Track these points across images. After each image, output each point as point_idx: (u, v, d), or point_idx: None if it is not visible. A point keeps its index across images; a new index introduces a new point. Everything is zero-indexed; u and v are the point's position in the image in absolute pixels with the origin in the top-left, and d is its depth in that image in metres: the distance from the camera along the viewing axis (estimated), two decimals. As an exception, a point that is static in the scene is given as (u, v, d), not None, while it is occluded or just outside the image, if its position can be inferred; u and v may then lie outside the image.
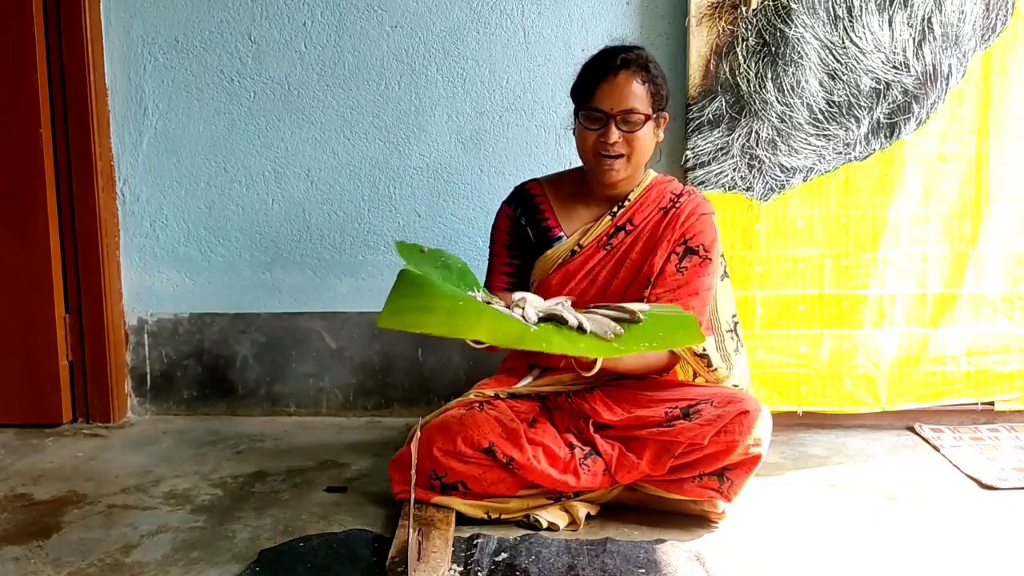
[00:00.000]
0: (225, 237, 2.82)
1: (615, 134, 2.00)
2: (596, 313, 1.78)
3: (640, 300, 2.06)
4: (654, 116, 2.04)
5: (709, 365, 2.10)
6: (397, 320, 1.58)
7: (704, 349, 2.10)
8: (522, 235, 2.19)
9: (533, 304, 1.77)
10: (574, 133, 2.09)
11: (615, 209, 2.12)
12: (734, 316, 2.26)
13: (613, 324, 1.72)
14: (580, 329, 1.69)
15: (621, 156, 2.03)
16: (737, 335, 2.25)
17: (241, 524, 2.01)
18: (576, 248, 2.11)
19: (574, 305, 2.04)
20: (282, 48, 2.74)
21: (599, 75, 2.00)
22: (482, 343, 1.68)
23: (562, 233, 2.14)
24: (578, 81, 2.06)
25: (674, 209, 2.10)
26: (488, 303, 1.75)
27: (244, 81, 2.76)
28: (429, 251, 1.91)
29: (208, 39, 2.74)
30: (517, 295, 1.81)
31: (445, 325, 1.57)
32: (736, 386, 2.21)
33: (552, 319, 1.72)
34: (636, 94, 1.99)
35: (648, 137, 2.04)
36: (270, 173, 2.79)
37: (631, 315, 1.76)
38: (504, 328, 1.61)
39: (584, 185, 2.14)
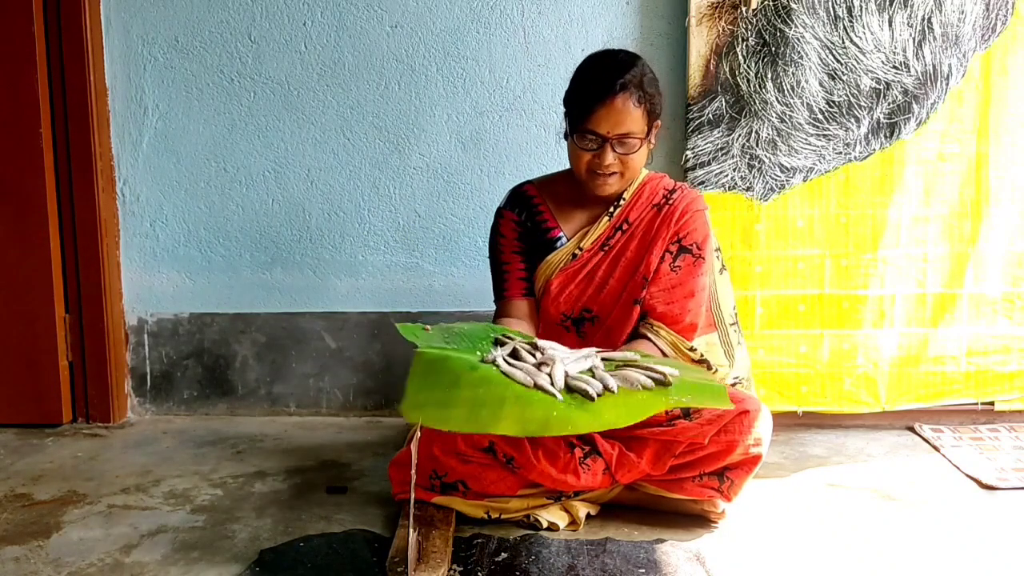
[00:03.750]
0: (225, 237, 2.82)
1: (610, 156, 1.99)
2: (630, 372, 1.75)
3: (638, 300, 2.07)
4: (648, 137, 2.03)
5: (710, 367, 2.11)
6: (420, 414, 1.60)
7: (703, 355, 2.10)
8: (530, 237, 2.18)
9: (561, 358, 1.75)
10: (565, 138, 2.07)
11: (611, 209, 2.12)
12: (734, 308, 2.27)
13: (647, 383, 1.71)
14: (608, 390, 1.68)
15: (615, 173, 2.03)
16: (738, 328, 2.27)
17: (241, 524, 2.01)
18: (577, 251, 2.12)
19: (573, 308, 2.05)
20: (282, 48, 2.74)
21: (595, 98, 1.97)
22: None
23: (562, 234, 2.14)
24: (573, 95, 2.03)
25: (667, 206, 2.11)
26: (507, 355, 1.74)
27: (244, 81, 2.76)
28: (433, 329, 1.87)
29: (208, 39, 2.74)
30: (547, 347, 1.80)
31: (468, 421, 1.58)
32: (737, 379, 2.22)
33: (577, 390, 1.68)
34: (633, 117, 1.97)
35: (642, 155, 2.04)
36: (270, 173, 2.79)
37: (663, 377, 1.73)
38: (528, 416, 1.60)
39: (578, 187, 2.13)
